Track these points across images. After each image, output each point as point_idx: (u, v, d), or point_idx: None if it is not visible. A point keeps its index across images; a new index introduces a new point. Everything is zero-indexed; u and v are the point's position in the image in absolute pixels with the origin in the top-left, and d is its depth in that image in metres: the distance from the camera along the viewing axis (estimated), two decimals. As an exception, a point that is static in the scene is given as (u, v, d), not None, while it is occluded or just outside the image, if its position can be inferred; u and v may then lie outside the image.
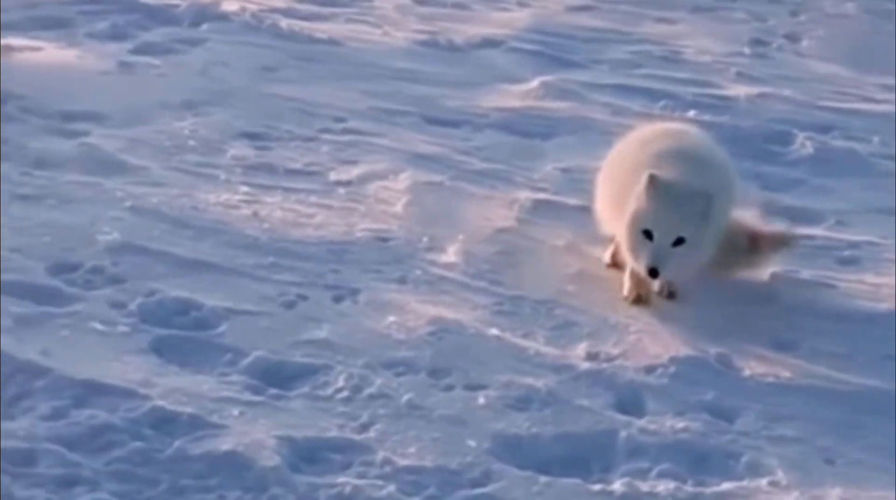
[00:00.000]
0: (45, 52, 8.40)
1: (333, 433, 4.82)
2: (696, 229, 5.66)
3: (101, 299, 5.51)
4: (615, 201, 5.99)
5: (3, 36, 8.43)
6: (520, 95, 8.59)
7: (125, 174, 6.72)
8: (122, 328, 5.32)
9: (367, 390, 5.09)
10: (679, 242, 5.66)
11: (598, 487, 4.68)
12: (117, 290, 5.59)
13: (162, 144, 7.15)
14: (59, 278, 5.64)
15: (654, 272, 5.67)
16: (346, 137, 7.58)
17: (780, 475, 4.80)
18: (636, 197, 5.71)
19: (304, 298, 5.72)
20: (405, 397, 5.05)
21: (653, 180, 5.68)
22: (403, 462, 4.69)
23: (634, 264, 5.78)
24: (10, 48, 8.26)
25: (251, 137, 7.42)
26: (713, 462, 4.88)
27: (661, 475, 4.76)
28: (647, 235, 5.68)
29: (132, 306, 5.46)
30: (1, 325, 5.16)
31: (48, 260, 5.76)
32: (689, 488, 4.71)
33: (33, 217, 6.13)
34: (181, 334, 5.34)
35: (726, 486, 4.73)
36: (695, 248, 5.70)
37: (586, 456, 4.86)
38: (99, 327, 5.31)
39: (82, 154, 6.87)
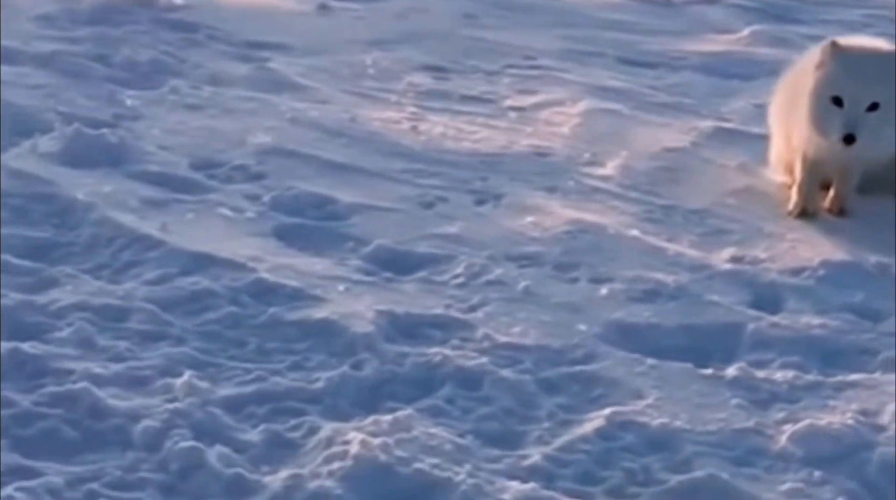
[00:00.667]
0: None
1: (438, 311, 4.61)
2: (890, 95, 5.27)
3: (237, 191, 5.45)
4: (791, 97, 5.61)
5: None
6: (727, 42, 8.23)
7: (294, 92, 6.67)
8: (249, 215, 5.25)
9: (485, 277, 4.87)
10: (873, 107, 5.27)
11: (708, 371, 4.34)
12: (256, 185, 5.52)
13: (339, 72, 7.09)
14: (200, 173, 5.60)
15: (850, 138, 5.23)
16: (532, 72, 7.37)
17: (917, 371, 4.36)
18: (818, 66, 5.36)
19: (443, 199, 5.54)
20: (522, 284, 4.81)
21: (836, 46, 5.32)
22: (503, 339, 4.45)
23: (824, 138, 5.36)
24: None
25: (433, 69, 7.29)
26: (846, 357, 4.49)
27: (784, 367, 4.39)
28: (837, 101, 5.29)
29: (266, 198, 5.37)
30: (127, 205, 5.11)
31: (194, 157, 5.74)
32: (810, 377, 4.33)
33: (190, 122, 6.13)
34: (308, 223, 5.22)
35: (854, 377, 4.33)
36: (890, 115, 5.29)
37: (705, 346, 4.53)
38: (226, 212, 5.25)
39: (256, 74, 6.84)
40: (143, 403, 3.92)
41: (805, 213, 5.55)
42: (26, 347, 4.11)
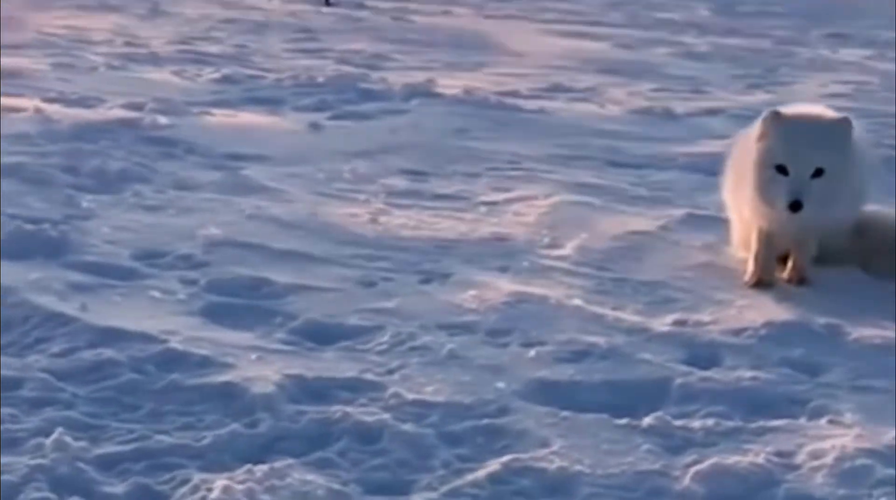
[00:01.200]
0: (239, 117, 8.44)
1: (351, 374, 4.41)
2: (834, 160, 5.11)
3: (173, 277, 5.32)
4: (739, 172, 5.45)
5: (210, 108, 8.54)
6: (722, 145, 8.03)
7: (261, 194, 6.58)
8: (180, 296, 5.10)
9: (410, 343, 4.68)
10: (818, 173, 5.09)
11: (623, 421, 4.09)
12: (195, 271, 5.38)
13: (314, 177, 7.02)
14: (140, 262, 5.48)
15: (796, 205, 5.06)
16: (513, 173, 7.27)
17: (847, 417, 4.09)
18: (760, 137, 5.20)
19: (388, 279, 5.38)
20: (447, 348, 4.61)
21: (777, 115, 5.17)
22: (412, 397, 4.24)
23: (771, 209, 5.19)
24: (208, 114, 8.34)
25: (412, 172, 7.21)
26: (773, 407, 4.24)
27: (706, 416, 4.15)
28: (782, 170, 5.13)
29: (202, 282, 5.23)
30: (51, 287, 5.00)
31: (137, 249, 5.62)
32: (730, 423, 4.07)
33: (144, 220, 6.05)
34: (239, 302, 5.07)
35: (776, 423, 4.07)
36: (835, 182, 5.12)
37: (628, 401, 4.29)
38: (156, 294, 5.11)
39: (227, 180, 6.78)
40: (8, 461, 3.73)
41: (761, 283, 5.35)
42: None
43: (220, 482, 3.61)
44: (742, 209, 5.46)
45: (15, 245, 5.44)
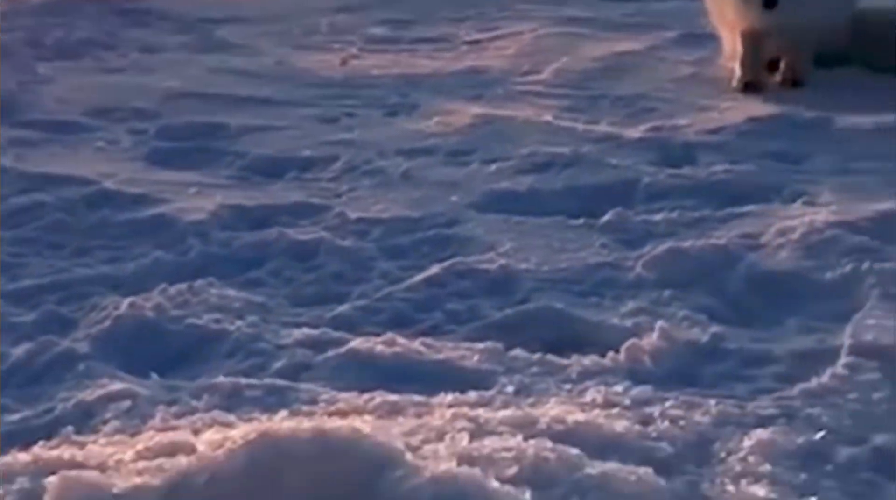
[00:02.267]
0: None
1: (296, 200, 4.09)
2: None
3: (123, 129, 5.00)
4: None
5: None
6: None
7: (228, 50, 6.23)
8: (125, 145, 4.79)
9: (364, 169, 4.35)
10: None
11: (580, 221, 3.75)
12: (146, 122, 5.06)
13: (289, 32, 6.64)
14: (90, 118, 5.16)
15: (770, 2, 4.77)
16: (501, 14, 6.82)
17: (824, 198, 3.73)
18: None
19: (351, 115, 5.05)
20: (402, 169, 4.29)
21: None
22: (357, 215, 3.91)
23: (748, 6, 4.91)
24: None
25: (394, 21, 6.80)
26: (746, 196, 3.89)
27: (672, 209, 3.79)
28: None
29: (151, 131, 4.92)
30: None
31: (90, 106, 5.30)
32: (695, 214, 3.71)
33: (102, 81, 5.72)
34: (188, 146, 4.75)
35: (747, 209, 3.72)
36: None
37: (588, 203, 3.94)
38: (101, 145, 4.80)
39: (195, 42, 6.43)
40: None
41: (749, 86, 5.00)
42: None
43: (128, 299, 3.30)
44: (724, 11, 5.09)
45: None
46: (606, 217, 3.73)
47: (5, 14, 6.87)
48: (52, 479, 2.33)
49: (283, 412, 2.72)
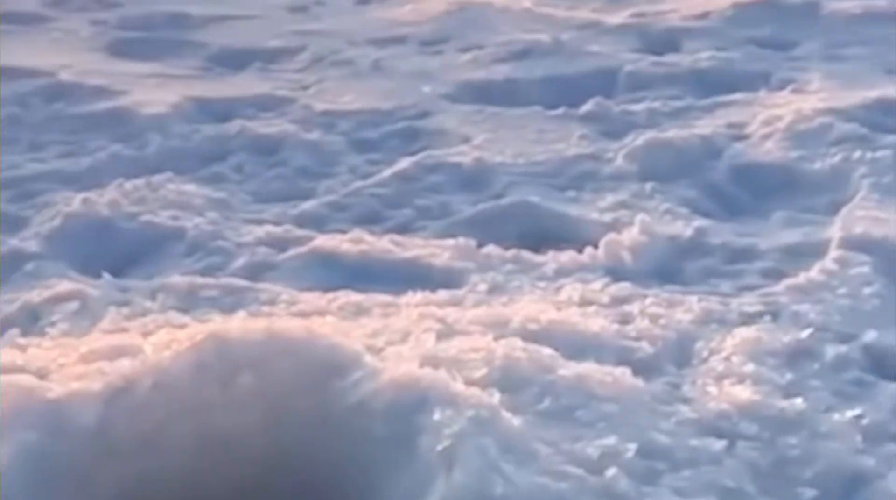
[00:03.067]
0: None
1: (259, 91, 3.91)
2: None
3: (82, 18, 4.81)
4: None
5: None
6: None
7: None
8: (83, 34, 4.60)
9: (332, 59, 4.17)
10: None
11: (558, 111, 3.58)
12: (106, 12, 4.87)
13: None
14: (45, 6, 4.97)
15: None
16: None
17: (813, 85, 3.56)
18: None
19: (321, 3, 4.86)
20: (372, 59, 4.10)
21: None
22: (323, 107, 3.73)
23: None
24: None
25: None
26: (732, 83, 3.71)
27: (654, 99, 3.61)
28: None
29: (112, 21, 4.72)
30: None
31: (51, -3, 5.10)
32: (679, 103, 3.54)
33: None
34: (149, 36, 4.58)
35: (732, 97, 3.54)
36: None
37: (568, 93, 3.76)
38: (57, 35, 4.60)
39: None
40: None
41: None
42: None
43: (81, 196, 3.13)
44: None
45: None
46: (586, 107, 3.56)
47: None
48: (-15, 384, 2.17)
49: (241, 313, 2.56)
